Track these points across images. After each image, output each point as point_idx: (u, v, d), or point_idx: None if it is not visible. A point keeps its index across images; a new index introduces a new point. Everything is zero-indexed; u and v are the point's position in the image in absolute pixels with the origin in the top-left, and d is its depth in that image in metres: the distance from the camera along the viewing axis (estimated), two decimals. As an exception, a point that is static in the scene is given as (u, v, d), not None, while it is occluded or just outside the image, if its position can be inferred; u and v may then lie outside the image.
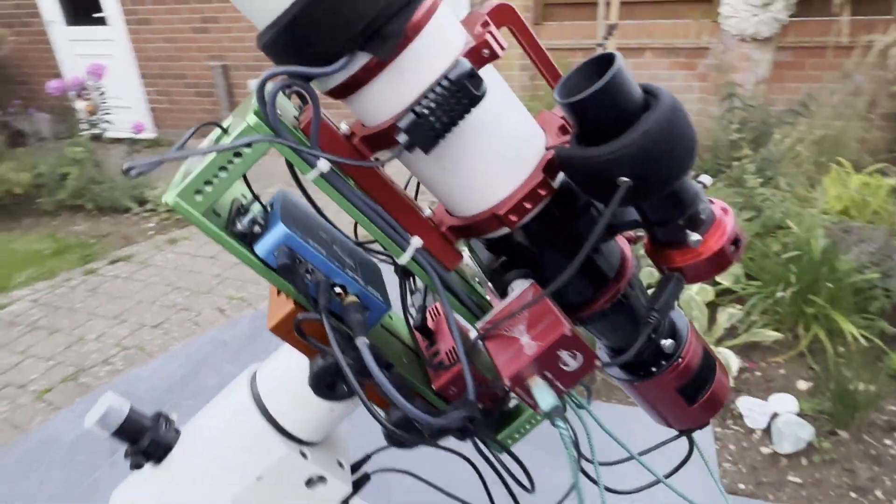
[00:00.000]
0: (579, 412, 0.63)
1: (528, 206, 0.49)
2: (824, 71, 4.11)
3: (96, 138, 4.61)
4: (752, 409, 2.26)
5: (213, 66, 5.47)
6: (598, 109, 0.45)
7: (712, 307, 2.75)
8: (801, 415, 2.21)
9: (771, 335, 2.55)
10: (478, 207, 0.51)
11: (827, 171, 3.25)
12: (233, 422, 0.58)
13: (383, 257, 0.58)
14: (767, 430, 2.20)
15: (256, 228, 0.47)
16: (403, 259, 0.49)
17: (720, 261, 0.52)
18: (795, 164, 3.35)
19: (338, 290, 0.49)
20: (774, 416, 2.23)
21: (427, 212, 0.56)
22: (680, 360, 0.65)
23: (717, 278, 2.82)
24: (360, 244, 0.58)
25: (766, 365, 2.52)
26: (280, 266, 0.45)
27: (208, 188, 0.44)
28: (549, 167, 0.50)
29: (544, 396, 0.45)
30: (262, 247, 0.47)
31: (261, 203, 0.54)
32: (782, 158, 3.36)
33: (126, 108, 5.93)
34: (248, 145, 0.44)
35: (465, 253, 0.62)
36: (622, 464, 0.73)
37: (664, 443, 0.78)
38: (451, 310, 0.50)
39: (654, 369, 0.65)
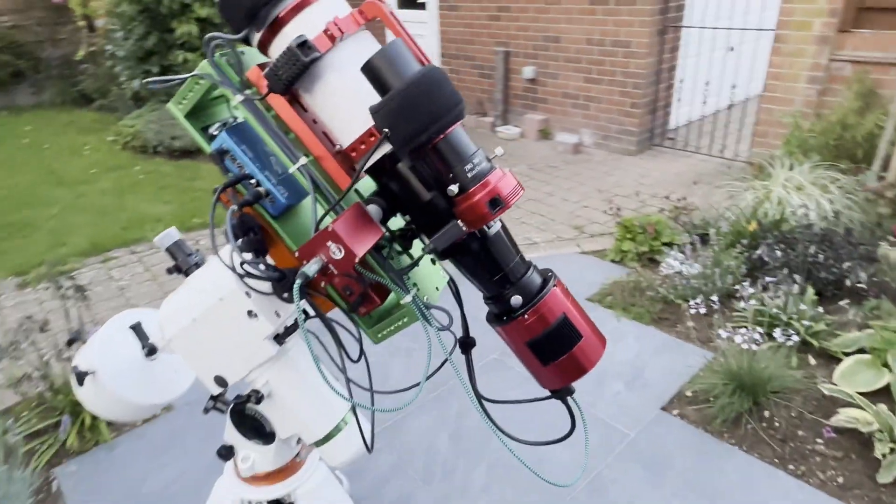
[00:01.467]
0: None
1: (362, 146, 0.67)
2: None
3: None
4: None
5: (497, 51, 6.04)
6: (372, 78, 0.62)
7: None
8: None
9: None
10: (345, 144, 0.71)
11: None
12: (218, 264, 0.90)
13: None
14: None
15: (214, 132, 0.76)
16: (292, 169, 0.73)
17: (479, 213, 0.62)
18: None
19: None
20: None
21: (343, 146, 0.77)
22: (525, 316, 0.74)
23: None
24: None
25: None
26: (210, 155, 0.74)
27: (184, 101, 0.75)
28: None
29: (310, 268, 0.65)
30: (213, 144, 0.76)
31: (236, 123, 0.83)
32: None
33: (425, 81, 6.98)
34: (201, 79, 0.73)
35: None
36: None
37: (534, 399, 0.85)
38: (315, 207, 0.71)
39: (505, 319, 0.76)
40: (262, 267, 0.71)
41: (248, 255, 0.74)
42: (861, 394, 2.26)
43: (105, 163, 5.47)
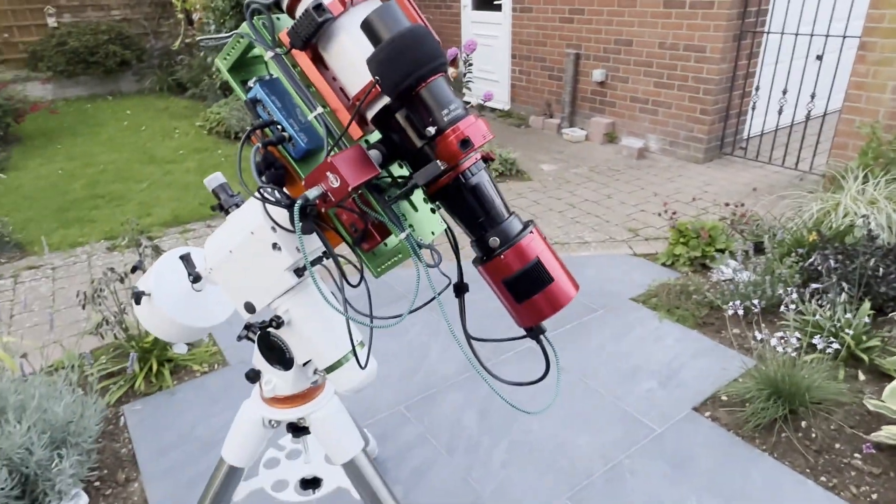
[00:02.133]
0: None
1: (363, 95, 0.79)
2: None
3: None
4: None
5: (568, 53, 6.06)
6: (368, 34, 0.73)
7: None
8: None
9: None
10: (354, 93, 0.83)
11: None
12: (252, 204, 1.04)
13: None
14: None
15: (251, 85, 0.91)
16: (310, 116, 0.85)
17: (451, 151, 0.72)
18: None
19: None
20: None
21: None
22: (502, 256, 0.83)
23: None
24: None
25: None
26: (245, 102, 0.88)
27: (228, 57, 0.90)
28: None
29: (311, 192, 0.77)
30: (248, 94, 0.90)
31: (269, 78, 0.96)
32: None
33: (495, 81, 7.08)
34: (241, 37, 0.87)
35: None
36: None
37: (512, 338, 0.93)
38: (327, 149, 0.83)
39: (485, 259, 0.85)
40: (276, 194, 0.84)
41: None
42: (909, 412, 2.16)
43: (192, 145, 5.93)
